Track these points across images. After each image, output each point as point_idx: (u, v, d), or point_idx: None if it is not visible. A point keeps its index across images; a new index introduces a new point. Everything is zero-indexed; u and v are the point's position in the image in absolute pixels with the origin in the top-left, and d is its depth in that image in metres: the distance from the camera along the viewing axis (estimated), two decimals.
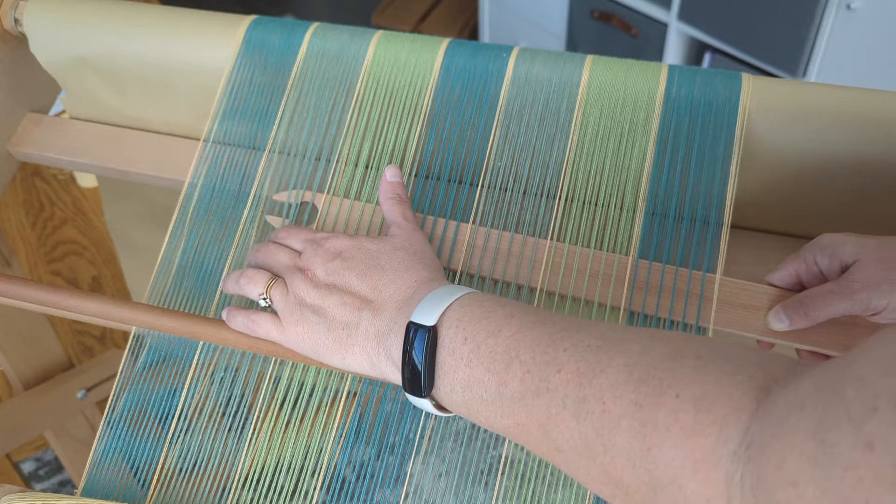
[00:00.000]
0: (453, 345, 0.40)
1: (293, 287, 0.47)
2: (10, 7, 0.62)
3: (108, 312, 0.51)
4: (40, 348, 1.00)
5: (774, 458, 0.27)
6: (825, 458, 0.25)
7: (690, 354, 0.34)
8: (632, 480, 0.33)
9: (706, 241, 0.51)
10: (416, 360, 0.41)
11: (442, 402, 0.42)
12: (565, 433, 0.36)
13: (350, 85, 0.58)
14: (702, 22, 1.59)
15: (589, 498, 0.48)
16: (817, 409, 0.26)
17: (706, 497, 0.30)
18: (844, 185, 0.53)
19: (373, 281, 0.46)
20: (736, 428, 0.30)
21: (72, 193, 1.69)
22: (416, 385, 0.41)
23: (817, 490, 0.25)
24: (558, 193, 0.53)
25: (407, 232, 0.50)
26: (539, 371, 0.37)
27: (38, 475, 1.31)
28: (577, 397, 0.35)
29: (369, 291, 0.45)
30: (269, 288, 0.48)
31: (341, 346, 0.45)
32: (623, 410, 0.33)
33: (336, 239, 0.49)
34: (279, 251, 0.50)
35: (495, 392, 0.38)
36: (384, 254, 0.47)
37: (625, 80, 0.54)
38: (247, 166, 0.58)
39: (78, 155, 0.65)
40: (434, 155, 0.56)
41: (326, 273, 0.47)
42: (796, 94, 0.52)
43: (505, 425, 0.39)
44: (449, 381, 0.40)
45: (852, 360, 0.26)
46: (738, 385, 0.31)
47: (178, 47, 0.60)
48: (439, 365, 0.41)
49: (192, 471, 0.50)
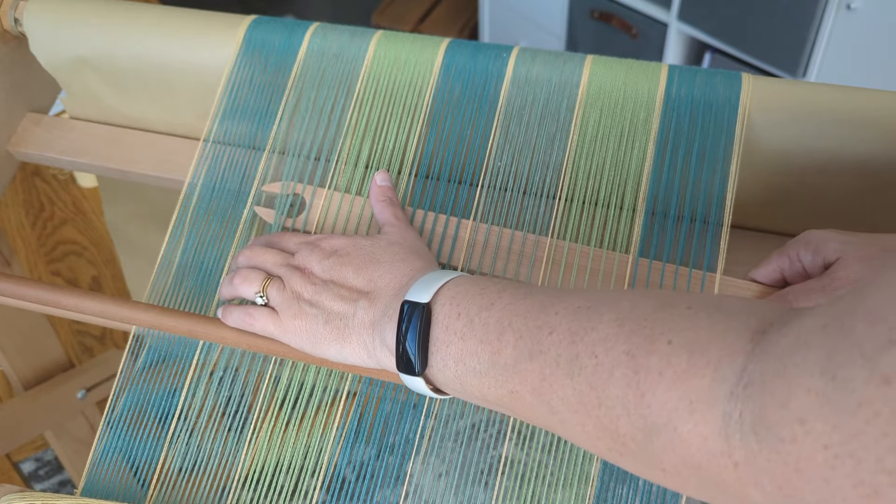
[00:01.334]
0: (447, 321, 0.41)
1: (290, 283, 0.48)
2: (10, 7, 0.62)
3: (108, 311, 0.51)
4: (40, 348, 1.00)
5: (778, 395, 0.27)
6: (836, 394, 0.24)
7: (681, 305, 0.34)
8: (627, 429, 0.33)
9: (706, 241, 0.51)
10: (410, 338, 0.41)
11: (434, 381, 0.42)
12: (559, 392, 0.36)
13: (350, 85, 0.58)
14: (702, 22, 1.59)
15: (589, 498, 0.48)
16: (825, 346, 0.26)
17: (703, 436, 0.30)
18: (844, 185, 0.53)
19: (369, 273, 0.46)
20: (731, 369, 0.30)
21: (72, 193, 1.69)
22: (409, 363, 0.41)
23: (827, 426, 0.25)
24: (558, 193, 0.53)
25: (400, 229, 0.51)
26: (531, 335, 0.37)
27: (38, 475, 1.31)
28: (569, 355, 0.35)
29: (365, 283, 0.46)
30: (266, 286, 0.48)
31: (338, 336, 0.45)
32: (615, 361, 0.34)
33: (331, 239, 0.49)
34: (269, 253, 0.51)
35: (488, 362, 0.39)
36: (379, 248, 0.48)
37: (625, 80, 0.54)
38: (247, 166, 0.58)
39: (78, 155, 0.65)
40: (434, 154, 0.56)
41: (323, 270, 0.47)
42: (796, 94, 0.52)
43: (498, 395, 0.39)
44: (441, 356, 0.41)
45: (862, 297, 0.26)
46: (731, 330, 0.31)
47: (178, 47, 0.60)
48: (432, 342, 0.41)
49: (192, 471, 0.50)
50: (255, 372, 0.52)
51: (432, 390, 0.43)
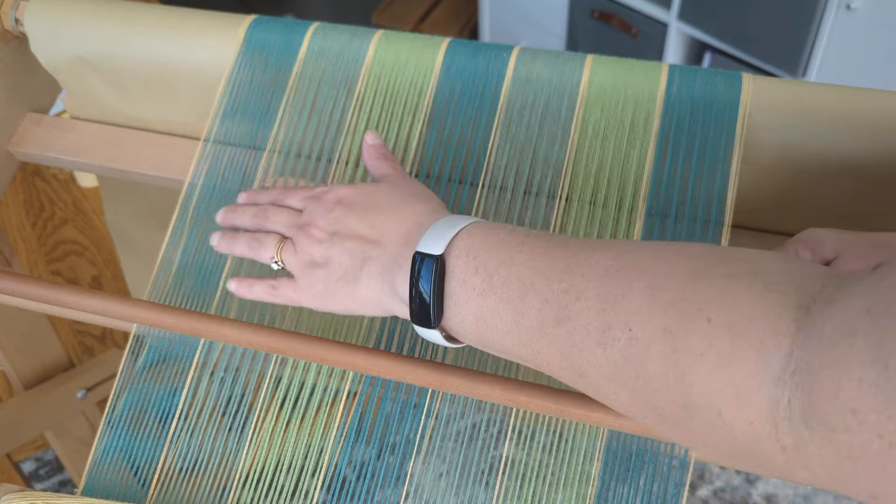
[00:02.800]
0: (464, 275, 0.39)
1: (301, 246, 0.47)
2: (11, 7, 0.62)
3: (109, 309, 0.51)
4: (40, 348, 0.99)
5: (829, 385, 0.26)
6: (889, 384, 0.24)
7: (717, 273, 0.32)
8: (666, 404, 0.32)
9: (706, 241, 0.51)
10: (424, 291, 0.40)
11: (453, 333, 0.41)
12: (590, 359, 0.35)
13: (350, 84, 0.58)
14: (702, 22, 1.59)
15: (589, 498, 0.48)
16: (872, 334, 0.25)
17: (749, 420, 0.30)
18: (844, 184, 0.53)
19: (371, 219, 0.46)
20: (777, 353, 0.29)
21: (72, 193, 1.69)
22: (424, 317, 0.41)
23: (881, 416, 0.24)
24: (559, 193, 0.53)
25: (400, 176, 0.50)
26: (557, 299, 0.36)
27: (38, 475, 1.31)
28: (600, 324, 0.34)
29: (370, 231, 0.45)
30: (280, 250, 0.48)
31: (348, 287, 0.45)
32: (651, 336, 0.32)
33: (334, 190, 0.49)
34: (280, 212, 0.50)
35: (511, 322, 0.37)
36: (380, 193, 0.47)
37: (625, 80, 0.54)
38: (247, 166, 0.58)
39: (78, 155, 0.65)
40: (434, 154, 0.56)
41: (328, 223, 0.47)
42: (796, 94, 0.52)
43: (523, 353, 0.38)
44: (460, 311, 0.40)
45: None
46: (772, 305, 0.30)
47: (178, 47, 0.60)
48: (448, 295, 0.40)
49: (193, 470, 0.50)
50: (255, 371, 0.52)
51: (446, 339, 0.42)
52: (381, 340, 0.53)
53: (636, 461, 0.48)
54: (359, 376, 0.50)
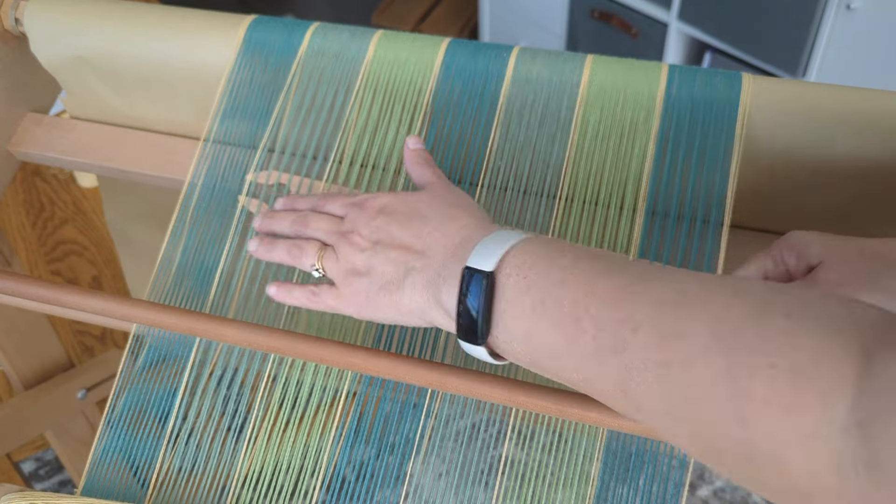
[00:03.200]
0: (514, 294, 0.39)
1: (343, 254, 0.47)
2: (11, 7, 0.62)
3: (109, 309, 0.51)
4: (40, 348, 1.00)
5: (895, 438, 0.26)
6: None
7: (778, 312, 0.31)
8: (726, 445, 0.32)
9: (706, 241, 0.51)
10: (472, 308, 0.39)
11: (499, 351, 0.41)
12: (647, 394, 0.34)
13: (350, 84, 0.58)
14: (702, 22, 1.59)
15: (589, 498, 0.48)
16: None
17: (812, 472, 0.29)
18: (844, 184, 0.53)
19: (416, 229, 0.45)
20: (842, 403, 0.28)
21: (72, 193, 1.69)
22: (471, 333, 0.40)
23: None
24: (558, 193, 0.53)
25: (443, 184, 0.49)
26: (613, 328, 0.35)
27: (38, 475, 1.31)
28: (658, 360, 0.33)
29: (414, 241, 0.45)
30: (321, 258, 0.48)
31: (391, 297, 0.45)
32: (713, 378, 0.31)
33: (377, 197, 0.48)
34: (320, 219, 0.50)
35: (563, 347, 0.37)
36: (424, 203, 0.47)
37: (625, 80, 0.54)
38: (247, 166, 0.58)
39: (78, 155, 0.65)
40: (434, 154, 0.56)
41: (371, 231, 0.46)
42: (796, 94, 0.52)
43: (573, 379, 0.37)
44: (508, 330, 0.39)
45: None
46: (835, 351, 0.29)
47: (178, 47, 0.60)
48: (497, 314, 0.39)
49: (192, 470, 0.50)
50: (254, 371, 0.52)
51: (491, 355, 0.41)
52: (381, 340, 0.53)
53: (636, 461, 0.48)
54: (358, 376, 0.50)
